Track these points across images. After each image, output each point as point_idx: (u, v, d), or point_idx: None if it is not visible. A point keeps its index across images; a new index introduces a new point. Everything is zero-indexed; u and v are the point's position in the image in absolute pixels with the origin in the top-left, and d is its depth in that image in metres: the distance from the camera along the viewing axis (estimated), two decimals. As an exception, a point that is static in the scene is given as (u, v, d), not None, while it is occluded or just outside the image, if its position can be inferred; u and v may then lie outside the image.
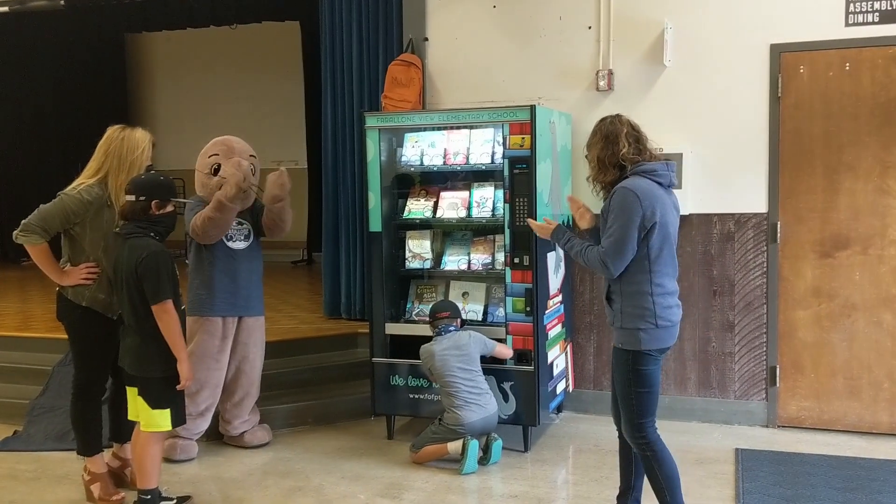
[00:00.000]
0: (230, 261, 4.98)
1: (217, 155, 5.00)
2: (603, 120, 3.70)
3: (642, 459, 3.65)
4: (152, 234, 3.98)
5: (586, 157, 3.76)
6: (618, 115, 3.69)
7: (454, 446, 4.70)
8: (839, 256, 5.28)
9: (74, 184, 4.26)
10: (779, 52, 5.30)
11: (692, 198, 5.46)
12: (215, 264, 4.97)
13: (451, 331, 4.91)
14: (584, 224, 3.85)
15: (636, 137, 3.59)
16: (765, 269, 5.41)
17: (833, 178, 5.27)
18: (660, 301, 3.50)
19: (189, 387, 4.16)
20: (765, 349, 5.43)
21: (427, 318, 5.06)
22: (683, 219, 5.46)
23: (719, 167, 5.45)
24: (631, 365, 3.54)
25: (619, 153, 3.54)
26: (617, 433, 3.84)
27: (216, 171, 4.95)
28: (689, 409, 5.57)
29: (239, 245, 5.03)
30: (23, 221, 4.14)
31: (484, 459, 4.75)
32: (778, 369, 5.41)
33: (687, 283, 5.54)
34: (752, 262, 5.44)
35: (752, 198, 5.41)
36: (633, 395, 3.56)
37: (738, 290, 5.47)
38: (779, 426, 5.42)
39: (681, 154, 5.40)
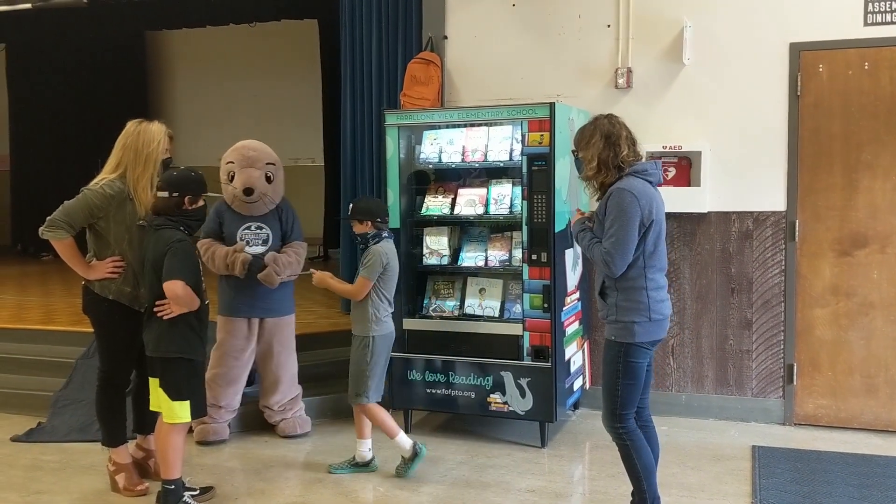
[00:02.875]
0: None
1: (232, 163, 5.14)
2: (597, 119, 3.77)
3: (620, 448, 3.75)
4: (182, 227, 4.06)
5: (576, 155, 3.81)
6: (612, 116, 3.78)
7: (403, 443, 4.57)
8: (857, 255, 5.28)
9: (96, 179, 4.32)
10: (798, 51, 5.31)
11: (711, 196, 5.47)
12: None
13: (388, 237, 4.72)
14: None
15: (633, 140, 3.70)
16: (783, 267, 5.41)
17: (852, 176, 5.27)
18: (653, 295, 3.62)
19: (208, 380, 4.24)
20: (782, 347, 5.44)
21: (441, 313, 5.08)
22: (702, 216, 5.52)
23: (738, 165, 5.46)
24: (623, 357, 3.63)
25: (620, 155, 3.63)
26: None
27: (231, 178, 5.10)
28: (706, 406, 5.59)
29: (256, 250, 5.11)
30: (48, 217, 4.20)
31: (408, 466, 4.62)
32: (795, 367, 5.42)
33: (705, 280, 5.56)
34: (771, 260, 5.45)
35: (770, 196, 5.42)
36: (619, 386, 3.66)
37: (756, 287, 5.48)
38: (796, 424, 5.43)
39: (699, 152, 5.43)
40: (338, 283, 4.66)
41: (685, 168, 5.50)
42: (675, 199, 5.47)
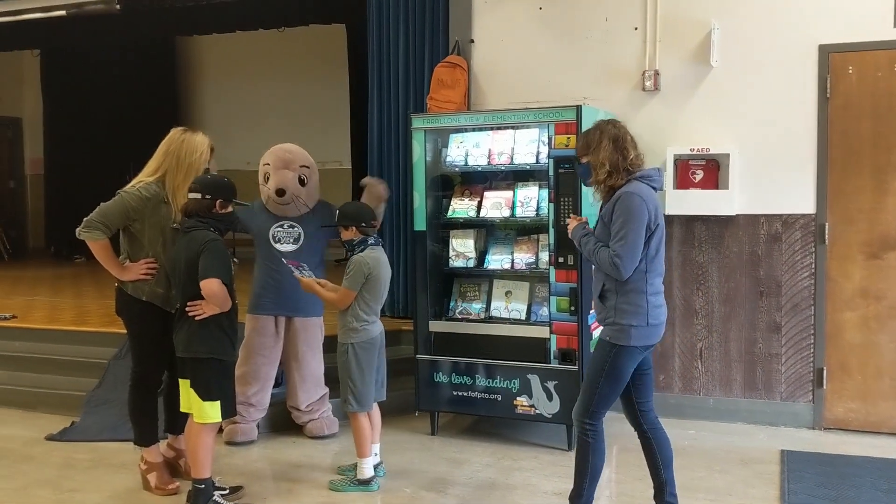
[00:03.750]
0: (275, 262, 5.13)
1: (269, 164, 5.23)
2: (601, 124, 3.78)
3: (579, 444, 3.77)
4: (212, 228, 4.12)
5: (580, 161, 3.82)
6: (616, 120, 3.81)
7: (365, 468, 4.45)
8: (887, 258, 5.23)
9: (133, 181, 4.39)
10: (827, 53, 5.27)
11: (739, 198, 5.45)
12: (262, 266, 5.23)
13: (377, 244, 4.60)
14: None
15: (636, 144, 3.73)
16: (812, 270, 5.37)
17: (882, 178, 5.22)
18: (652, 300, 3.65)
19: (237, 378, 4.30)
20: (812, 350, 5.39)
21: (467, 315, 5.09)
22: (730, 219, 5.51)
23: (766, 168, 5.43)
24: (613, 358, 3.65)
25: (629, 158, 3.66)
26: (636, 432, 3.91)
27: (267, 180, 5.18)
28: (734, 410, 5.56)
29: (286, 248, 5.17)
30: (85, 219, 4.27)
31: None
32: (825, 371, 5.38)
33: (733, 283, 5.53)
34: (800, 263, 5.41)
35: (799, 198, 5.39)
36: (601, 385, 3.68)
37: (785, 291, 5.44)
38: (825, 428, 5.39)
39: (728, 154, 5.41)
40: (324, 290, 4.53)
41: (713, 171, 5.48)
42: (702, 202, 5.46)
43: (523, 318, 5.27)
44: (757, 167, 5.44)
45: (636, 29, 5.69)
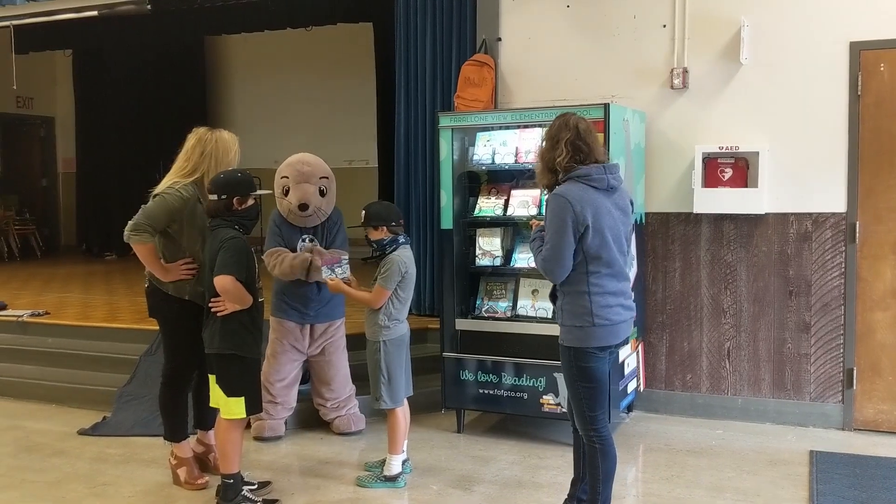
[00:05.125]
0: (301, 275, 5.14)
1: (287, 178, 5.19)
2: (553, 122, 3.68)
3: (588, 450, 3.74)
4: (237, 226, 4.15)
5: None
6: (568, 116, 3.66)
7: (394, 464, 4.49)
8: (921, 257, 5.16)
9: (169, 183, 4.41)
10: (858, 50, 5.21)
11: (768, 197, 5.40)
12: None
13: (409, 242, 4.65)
14: None
15: (578, 146, 3.56)
16: (843, 270, 5.31)
17: (915, 177, 5.15)
18: (597, 300, 3.57)
19: (262, 378, 4.35)
20: (842, 351, 5.34)
21: (493, 313, 5.07)
22: (759, 218, 5.45)
23: (796, 166, 5.38)
24: (573, 361, 3.64)
25: (555, 158, 3.57)
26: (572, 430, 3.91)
27: (285, 192, 5.15)
28: (762, 410, 5.51)
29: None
30: (130, 222, 4.30)
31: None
32: (855, 371, 5.32)
33: (762, 282, 5.49)
34: (830, 263, 5.35)
35: (830, 197, 5.33)
36: (580, 389, 3.67)
37: (814, 290, 5.39)
38: (855, 429, 5.33)
39: (757, 153, 5.36)
40: (354, 290, 4.54)
41: (742, 169, 5.43)
42: (731, 201, 5.42)
43: (550, 316, 5.26)
44: (787, 165, 5.39)
45: (664, 26, 5.66)
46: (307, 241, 5.18)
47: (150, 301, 4.51)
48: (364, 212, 4.53)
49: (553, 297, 3.74)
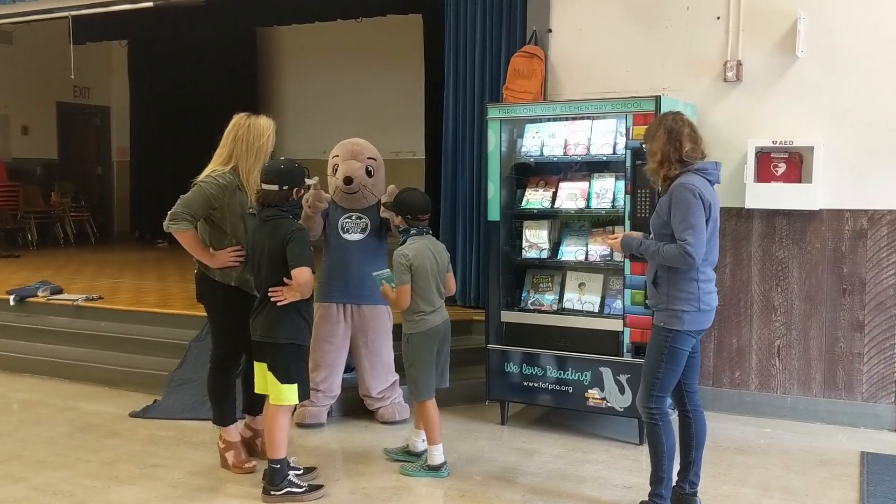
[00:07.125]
0: (344, 251, 5.28)
1: (337, 156, 5.35)
2: (665, 116, 3.94)
3: (649, 429, 3.91)
4: (291, 216, 4.22)
5: (644, 148, 4.00)
6: (679, 113, 3.91)
7: (435, 454, 4.51)
8: (982, 257, 5.02)
9: (207, 171, 4.49)
10: (921, 42, 5.07)
11: (823, 193, 5.29)
12: (330, 254, 5.36)
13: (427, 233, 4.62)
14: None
15: (696, 138, 3.82)
16: (899, 268, 5.20)
17: (978, 174, 5.00)
18: (703, 286, 3.79)
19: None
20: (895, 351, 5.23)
21: (539, 306, 5.06)
22: (813, 214, 5.37)
23: (852, 162, 5.27)
24: (669, 343, 3.80)
25: (682, 150, 3.76)
26: (677, 411, 4.03)
27: (335, 171, 5.29)
28: (812, 410, 5.42)
29: (353, 237, 5.29)
30: (169, 212, 4.38)
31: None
32: (910, 373, 5.20)
33: (815, 280, 5.39)
34: (886, 261, 5.23)
35: (887, 193, 5.21)
36: (661, 370, 3.83)
37: (869, 289, 5.27)
38: (909, 431, 5.22)
39: (812, 147, 5.26)
40: (389, 291, 4.53)
41: (796, 164, 5.33)
42: (784, 196, 5.33)
43: (596, 310, 5.23)
44: (842, 161, 5.28)
45: (719, 18, 5.57)
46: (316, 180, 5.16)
47: (199, 286, 4.59)
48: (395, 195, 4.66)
49: (655, 284, 3.87)
